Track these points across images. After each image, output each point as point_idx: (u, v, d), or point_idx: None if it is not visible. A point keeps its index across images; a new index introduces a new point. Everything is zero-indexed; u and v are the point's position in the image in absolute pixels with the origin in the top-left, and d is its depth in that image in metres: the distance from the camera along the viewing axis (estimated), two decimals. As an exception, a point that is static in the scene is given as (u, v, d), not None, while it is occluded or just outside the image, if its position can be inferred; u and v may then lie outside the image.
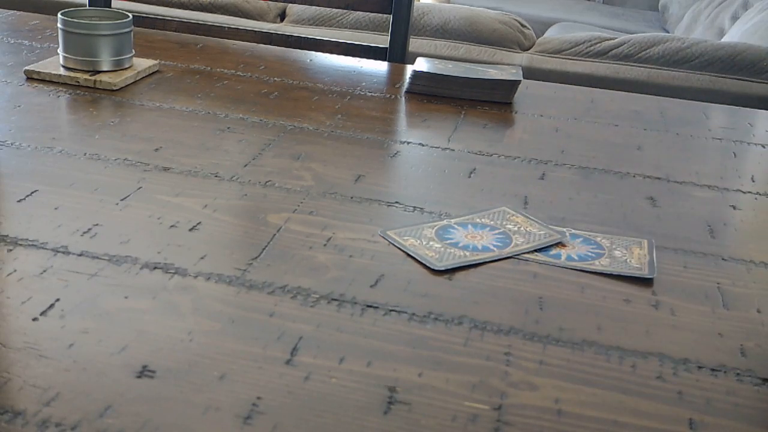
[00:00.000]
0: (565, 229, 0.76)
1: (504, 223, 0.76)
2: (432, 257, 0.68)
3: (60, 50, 1.06)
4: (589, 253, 0.72)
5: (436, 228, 0.74)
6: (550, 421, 0.50)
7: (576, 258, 0.71)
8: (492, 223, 0.76)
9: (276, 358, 0.53)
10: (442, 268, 0.66)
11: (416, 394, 0.51)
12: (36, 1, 2.34)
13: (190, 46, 1.27)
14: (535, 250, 0.71)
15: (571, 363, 0.56)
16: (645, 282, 0.68)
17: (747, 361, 0.58)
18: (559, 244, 0.73)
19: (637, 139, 1.02)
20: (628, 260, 0.71)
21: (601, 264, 0.70)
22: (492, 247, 0.71)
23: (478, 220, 0.76)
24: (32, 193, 0.74)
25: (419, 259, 0.68)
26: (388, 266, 0.66)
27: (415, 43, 2.17)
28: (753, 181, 0.93)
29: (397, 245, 0.69)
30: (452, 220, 0.75)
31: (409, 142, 0.95)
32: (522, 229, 0.75)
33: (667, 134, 1.06)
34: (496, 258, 0.69)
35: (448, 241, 0.71)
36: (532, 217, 0.77)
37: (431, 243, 0.71)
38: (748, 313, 0.64)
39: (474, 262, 0.68)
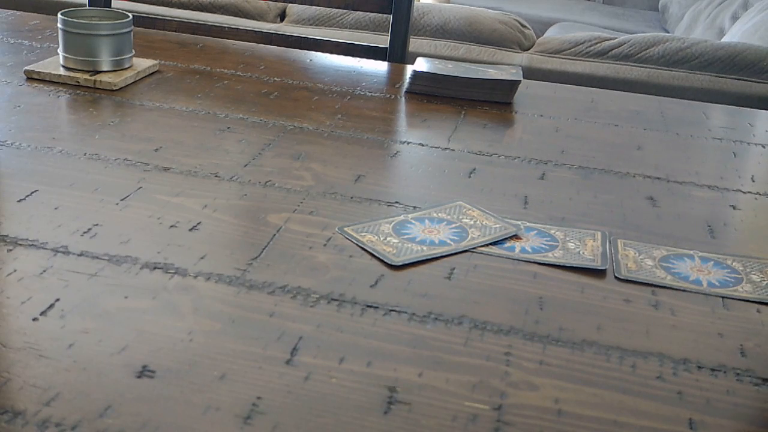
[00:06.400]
0: (519, 222, 0.76)
1: (460, 217, 0.76)
2: (389, 252, 0.68)
3: (60, 50, 1.06)
4: (543, 246, 0.72)
5: (393, 223, 0.74)
6: (550, 421, 0.50)
7: (530, 250, 0.71)
8: (449, 217, 0.76)
9: (276, 358, 0.53)
10: (400, 264, 0.67)
11: (416, 394, 0.51)
12: (36, 1, 2.33)
13: (190, 46, 1.27)
14: (491, 243, 0.72)
15: (571, 363, 0.56)
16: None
17: (747, 361, 0.58)
18: (514, 236, 0.73)
19: (637, 139, 1.01)
20: (581, 252, 0.71)
21: (554, 256, 0.70)
22: (449, 241, 0.71)
23: (435, 214, 0.76)
24: (32, 193, 0.74)
25: (377, 254, 0.68)
26: (388, 266, 0.66)
27: (415, 43, 2.17)
28: (753, 181, 0.93)
29: (354, 241, 0.70)
30: (410, 215, 0.76)
31: (409, 142, 0.95)
32: (478, 222, 0.75)
33: (667, 134, 1.06)
34: (453, 252, 0.69)
35: (406, 236, 0.72)
36: (487, 211, 0.78)
37: (389, 239, 0.71)
38: (748, 313, 0.64)
39: (431, 257, 0.68)
